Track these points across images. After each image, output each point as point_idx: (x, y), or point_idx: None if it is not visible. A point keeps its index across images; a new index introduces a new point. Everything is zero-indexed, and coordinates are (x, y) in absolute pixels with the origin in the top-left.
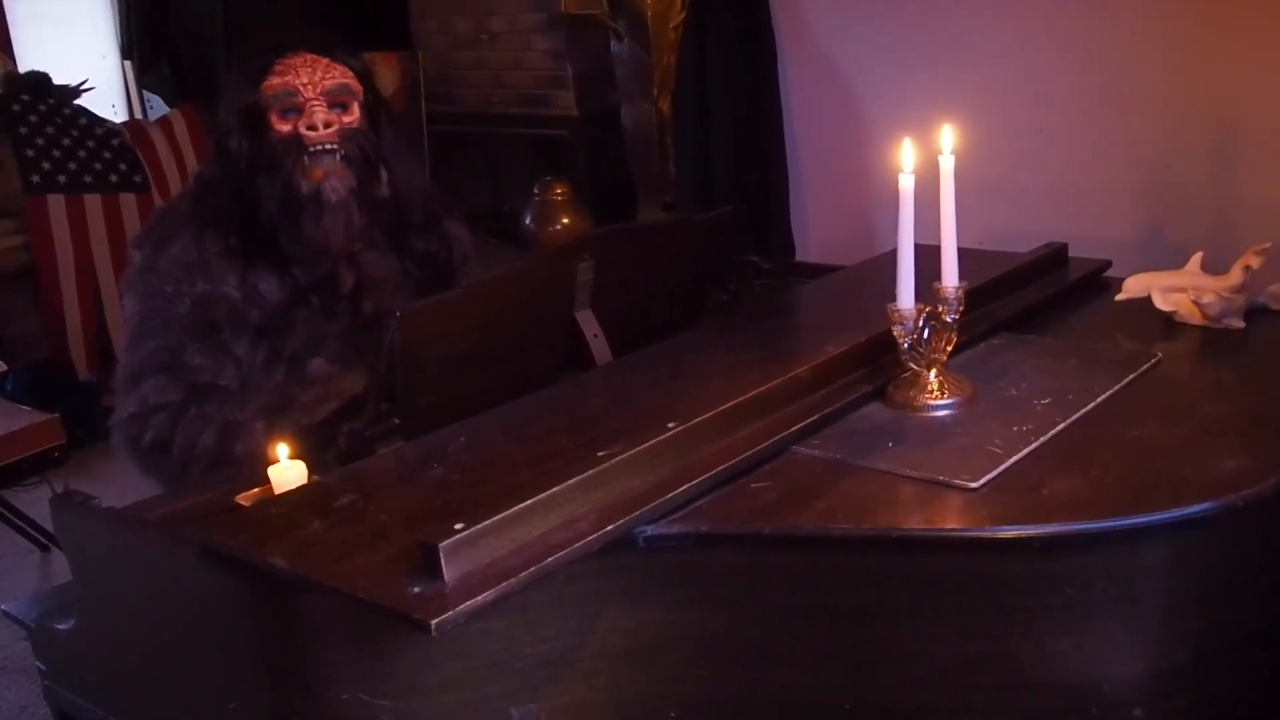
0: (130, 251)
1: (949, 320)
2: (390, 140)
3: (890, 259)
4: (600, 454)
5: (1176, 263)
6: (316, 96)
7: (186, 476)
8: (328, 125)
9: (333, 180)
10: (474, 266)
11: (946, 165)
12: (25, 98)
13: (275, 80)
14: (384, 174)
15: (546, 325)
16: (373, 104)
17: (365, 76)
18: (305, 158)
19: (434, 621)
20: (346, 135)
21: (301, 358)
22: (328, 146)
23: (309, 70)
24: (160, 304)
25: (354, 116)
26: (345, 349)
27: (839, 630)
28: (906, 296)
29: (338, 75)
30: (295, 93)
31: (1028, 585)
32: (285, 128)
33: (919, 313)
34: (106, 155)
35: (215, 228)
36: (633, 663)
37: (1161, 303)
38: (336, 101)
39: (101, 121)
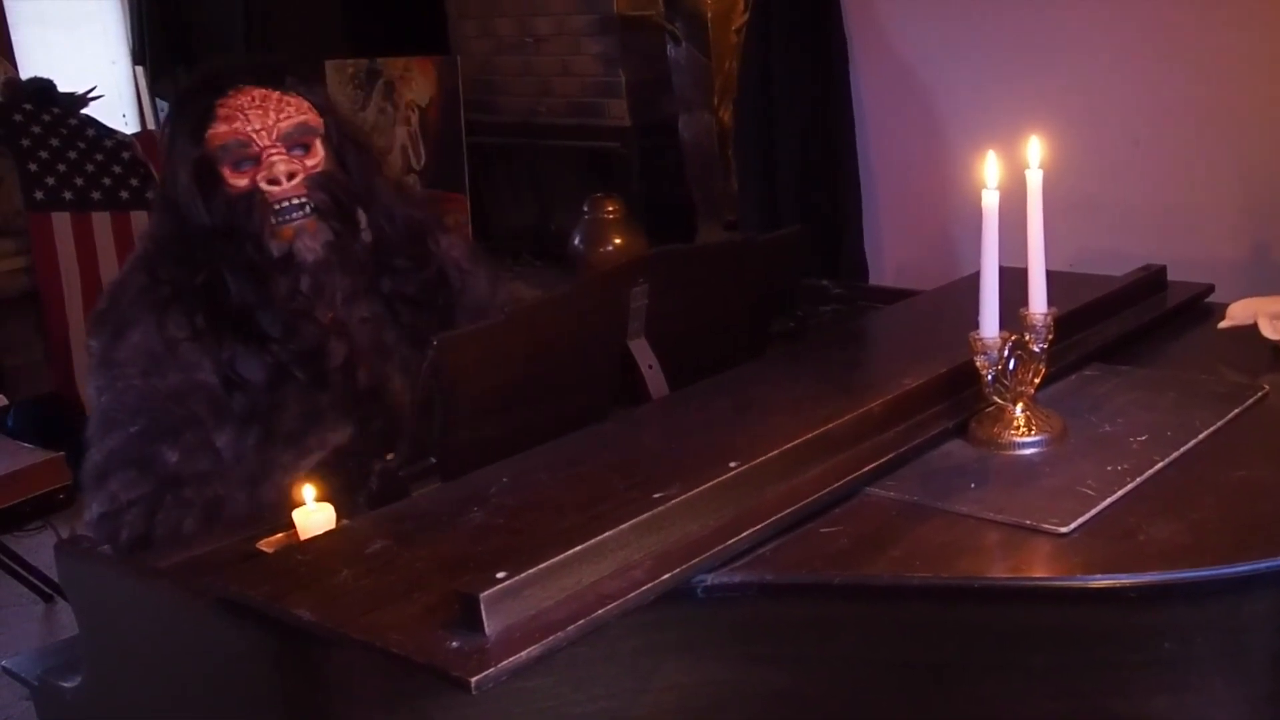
0: (87, 340)
1: (1037, 350)
2: (360, 172)
3: (972, 283)
4: (655, 496)
5: None
6: (273, 143)
7: None
8: (291, 176)
9: (305, 238)
10: (477, 285)
11: (1034, 180)
12: (28, 107)
13: (222, 128)
14: (362, 216)
15: (597, 355)
16: (335, 134)
17: (323, 104)
18: (272, 217)
19: (474, 679)
20: (313, 182)
21: (298, 435)
22: (295, 201)
23: (259, 112)
24: (127, 394)
25: (318, 158)
26: (342, 421)
27: (916, 689)
28: (990, 324)
29: (292, 112)
30: (247, 142)
31: (1123, 639)
32: (241, 182)
33: (1004, 342)
34: (116, 169)
35: (177, 306)
36: None
37: (1269, 331)
38: (297, 143)
39: (111, 133)
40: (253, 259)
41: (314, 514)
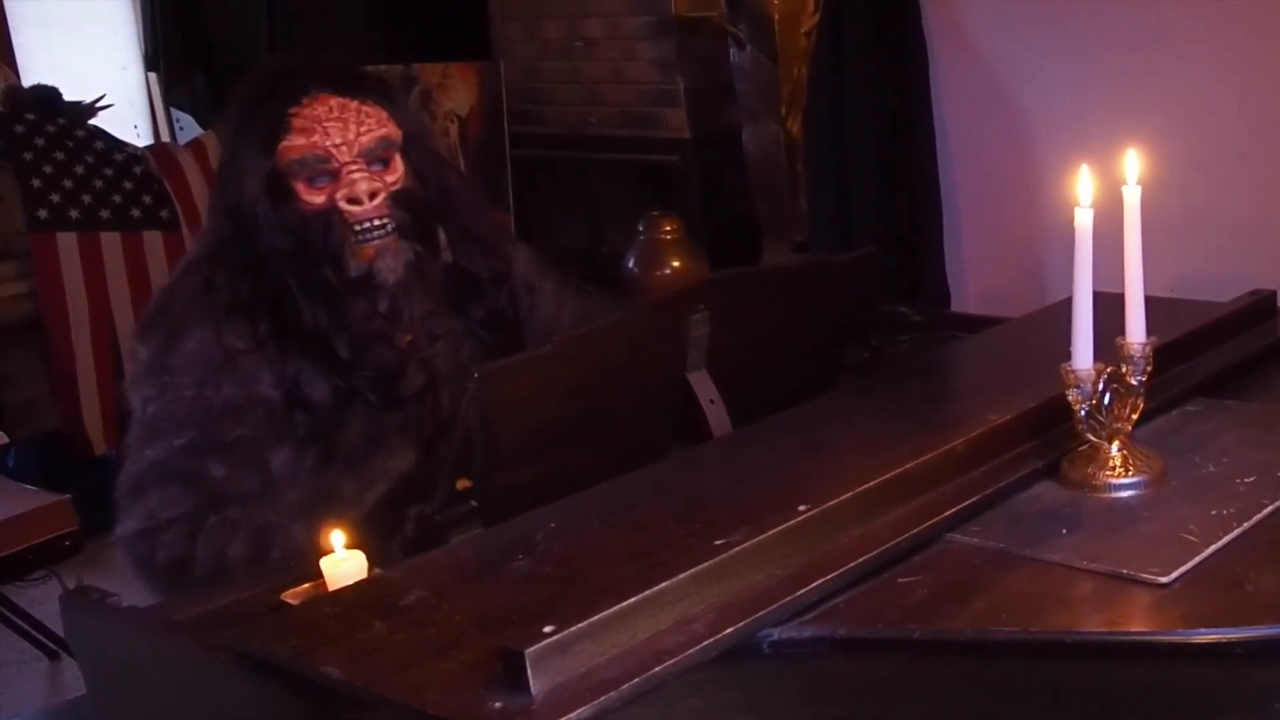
0: (133, 345)
1: (1134, 383)
2: (439, 186)
3: (1064, 309)
4: (718, 543)
5: None
6: (353, 159)
7: None
8: (373, 195)
9: (387, 258)
10: (545, 302)
11: (1131, 197)
12: (30, 117)
13: (298, 141)
14: (442, 235)
15: (653, 389)
16: (413, 147)
17: (400, 115)
18: (352, 236)
19: None
20: (395, 200)
21: (360, 457)
22: (376, 221)
23: (338, 126)
24: (176, 405)
25: (398, 174)
26: (406, 445)
27: None
28: (1084, 355)
29: (373, 125)
30: (326, 158)
31: (1228, 699)
32: (317, 199)
33: (1098, 374)
34: (127, 185)
35: (238, 314)
36: None
37: None
38: (377, 158)
39: (121, 145)
40: (329, 280)
41: (344, 562)
